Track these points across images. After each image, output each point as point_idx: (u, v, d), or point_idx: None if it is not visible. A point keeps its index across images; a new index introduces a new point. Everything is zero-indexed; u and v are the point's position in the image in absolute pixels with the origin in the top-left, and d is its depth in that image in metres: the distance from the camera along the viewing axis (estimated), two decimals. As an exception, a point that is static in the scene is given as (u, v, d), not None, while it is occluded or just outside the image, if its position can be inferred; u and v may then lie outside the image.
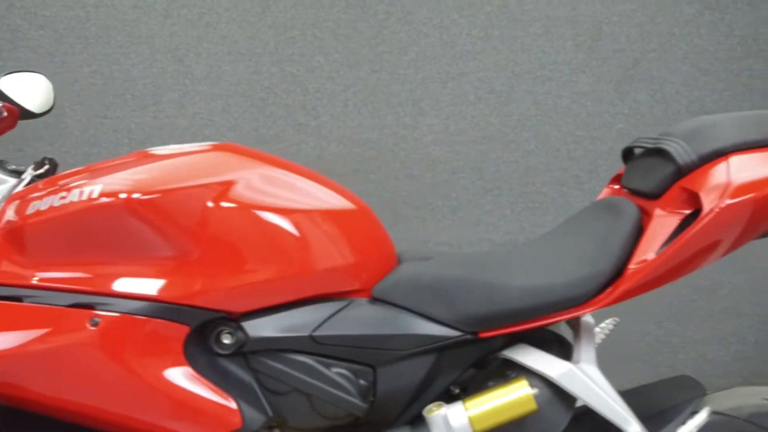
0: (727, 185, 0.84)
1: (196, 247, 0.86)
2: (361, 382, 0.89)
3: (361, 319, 0.89)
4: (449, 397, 0.93)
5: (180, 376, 0.86)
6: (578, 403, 0.91)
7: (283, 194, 0.91)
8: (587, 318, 0.96)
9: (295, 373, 0.88)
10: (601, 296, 0.88)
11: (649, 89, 2.41)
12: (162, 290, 0.85)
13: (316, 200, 0.93)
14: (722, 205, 0.84)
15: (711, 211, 0.84)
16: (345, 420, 0.90)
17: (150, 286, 0.85)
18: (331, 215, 0.93)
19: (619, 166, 1.26)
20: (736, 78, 2.41)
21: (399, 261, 0.97)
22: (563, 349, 0.93)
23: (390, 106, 2.35)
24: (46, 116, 1.14)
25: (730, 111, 2.40)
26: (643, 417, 0.90)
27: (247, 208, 0.89)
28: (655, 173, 0.92)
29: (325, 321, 0.88)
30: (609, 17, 2.36)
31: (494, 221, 2.41)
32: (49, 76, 1.16)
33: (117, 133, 2.26)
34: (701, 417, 0.87)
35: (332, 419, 0.89)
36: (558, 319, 0.89)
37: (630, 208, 0.92)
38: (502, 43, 2.35)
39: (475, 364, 0.94)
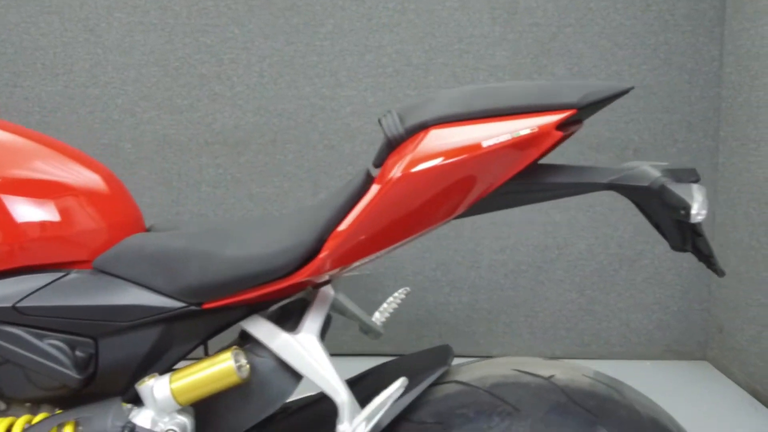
0: (410, 156, 0.80)
1: None
2: (78, 353, 0.87)
3: (77, 291, 0.87)
4: None
5: None
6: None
7: None
8: (326, 289, 0.94)
9: (5, 344, 0.85)
10: (303, 269, 0.85)
11: (566, 63, 2.42)
12: None
13: (33, 169, 0.88)
14: (395, 176, 0.80)
15: (387, 182, 0.80)
16: (63, 391, 0.88)
17: None
18: (48, 184, 0.88)
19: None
20: (654, 52, 2.42)
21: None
22: (298, 320, 0.92)
23: (307, 78, 2.35)
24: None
25: (648, 85, 2.43)
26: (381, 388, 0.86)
27: None
28: (379, 146, 0.90)
29: (33, 292, 0.86)
30: (525, -10, 2.37)
31: (413, 194, 2.41)
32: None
33: (28, 101, 2.25)
34: (395, 387, 0.83)
35: (48, 390, 0.87)
36: (270, 289, 0.86)
37: (359, 179, 0.87)
38: (419, 17, 2.36)
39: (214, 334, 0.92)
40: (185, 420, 0.86)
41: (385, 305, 1.08)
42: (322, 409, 0.96)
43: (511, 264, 2.45)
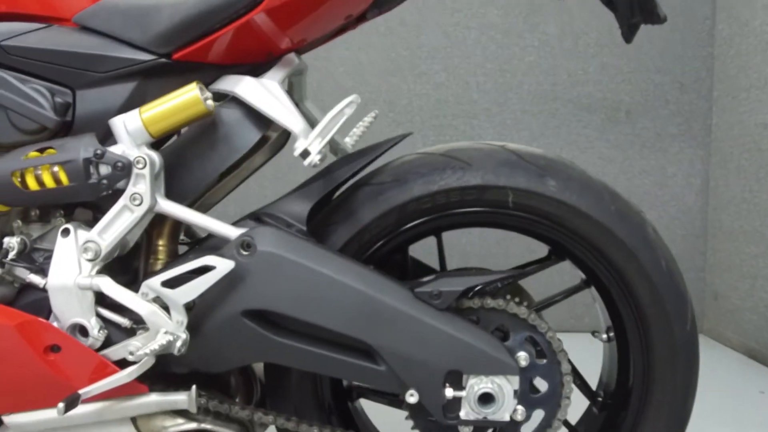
0: None
1: None
2: (58, 99, 0.92)
3: (58, 39, 0.92)
4: None
5: None
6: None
7: None
8: (292, 55, 0.96)
9: None
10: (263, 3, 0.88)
11: (558, 22, 2.43)
12: None
13: None
14: None
15: None
16: (40, 135, 0.92)
17: None
18: None
19: (530, 102, 1.27)
20: (645, 12, 2.43)
21: None
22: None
23: (300, 36, 2.39)
24: None
25: (640, 45, 2.43)
26: None
27: None
28: None
29: (19, 34, 0.91)
30: (516, -49, 2.41)
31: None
32: None
33: None
34: (346, 101, 0.89)
35: (28, 134, 0.92)
36: (234, 26, 0.89)
37: None
38: (412, -23, 2.41)
39: None
40: (153, 154, 0.89)
41: (354, 129, 1.10)
42: None
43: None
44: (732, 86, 2.29)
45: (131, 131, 0.88)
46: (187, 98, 0.88)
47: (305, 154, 0.87)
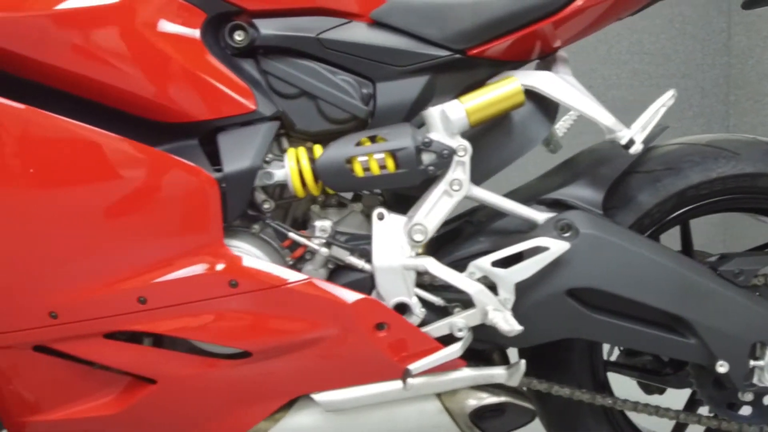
0: None
1: None
2: (364, 91, 0.96)
3: (363, 34, 0.96)
4: None
5: (199, 56, 0.90)
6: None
7: None
8: (561, 53, 1.04)
9: (303, 76, 0.94)
10: (573, 3, 0.95)
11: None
12: None
13: None
14: None
15: None
16: (346, 125, 0.96)
17: None
18: None
19: None
20: (670, 23, 2.64)
21: None
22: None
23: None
24: None
25: (666, 53, 2.64)
26: None
27: None
28: None
29: (331, 28, 0.95)
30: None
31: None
32: None
33: None
34: (666, 97, 1.00)
35: (335, 123, 0.95)
36: (538, 27, 0.95)
37: None
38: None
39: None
40: (466, 143, 0.93)
41: (566, 117, 1.18)
42: None
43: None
44: (752, 92, 2.53)
45: (454, 120, 0.93)
46: (509, 90, 0.94)
47: (630, 143, 0.95)
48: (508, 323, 0.90)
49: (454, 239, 1.02)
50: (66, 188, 0.88)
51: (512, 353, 1.07)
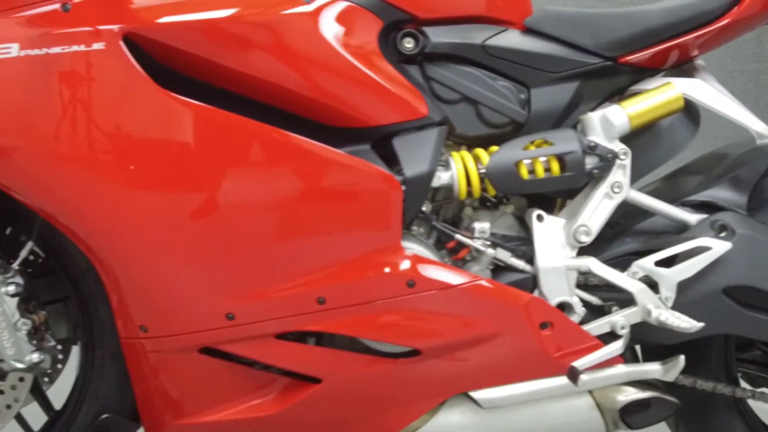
0: None
1: None
2: (522, 96, 1.00)
3: (521, 42, 1.00)
4: None
5: (377, 63, 0.93)
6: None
7: None
8: (699, 61, 1.08)
9: (467, 82, 0.97)
10: (732, 11, 0.99)
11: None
12: None
13: None
14: None
15: None
16: (504, 129, 1.00)
17: None
18: None
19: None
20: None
21: None
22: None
23: None
24: None
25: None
26: None
27: None
28: None
29: (492, 36, 0.99)
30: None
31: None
32: None
33: None
34: None
35: (494, 127, 0.99)
36: (688, 37, 1.00)
37: None
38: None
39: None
40: (627, 147, 0.97)
41: None
42: None
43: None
44: (784, 97, 2.61)
45: (616, 125, 0.97)
46: (669, 97, 0.99)
47: None
48: (684, 321, 0.94)
49: (596, 241, 1.05)
50: (255, 190, 0.90)
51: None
